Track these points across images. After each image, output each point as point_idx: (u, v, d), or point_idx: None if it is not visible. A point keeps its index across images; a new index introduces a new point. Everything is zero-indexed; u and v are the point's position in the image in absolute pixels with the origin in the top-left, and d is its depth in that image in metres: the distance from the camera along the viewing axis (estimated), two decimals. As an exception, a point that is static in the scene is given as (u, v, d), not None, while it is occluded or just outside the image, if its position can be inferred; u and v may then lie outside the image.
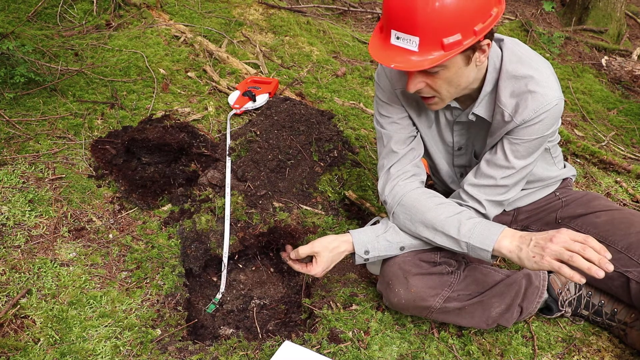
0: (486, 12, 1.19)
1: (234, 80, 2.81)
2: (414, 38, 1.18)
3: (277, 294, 1.92)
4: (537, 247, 1.27)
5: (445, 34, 1.16)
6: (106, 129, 2.27)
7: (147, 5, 3.29)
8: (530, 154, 1.43)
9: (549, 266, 1.24)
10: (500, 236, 1.34)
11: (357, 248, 1.50)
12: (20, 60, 2.36)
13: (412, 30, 1.17)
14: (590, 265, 1.19)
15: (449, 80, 1.30)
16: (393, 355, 1.51)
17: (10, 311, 1.49)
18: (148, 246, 1.82)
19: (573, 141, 2.67)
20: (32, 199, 1.85)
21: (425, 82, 1.31)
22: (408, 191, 1.51)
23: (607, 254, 1.21)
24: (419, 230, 1.47)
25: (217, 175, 2.04)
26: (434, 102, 1.39)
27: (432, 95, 1.36)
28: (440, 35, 1.16)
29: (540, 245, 1.27)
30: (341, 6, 4.35)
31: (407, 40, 1.19)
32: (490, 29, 1.22)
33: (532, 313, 1.59)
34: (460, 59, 1.26)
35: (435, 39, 1.17)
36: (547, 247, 1.25)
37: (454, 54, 1.18)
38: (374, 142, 2.49)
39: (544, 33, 4.17)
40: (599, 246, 1.21)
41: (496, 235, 1.34)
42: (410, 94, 1.52)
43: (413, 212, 1.47)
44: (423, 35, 1.17)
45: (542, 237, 1.28)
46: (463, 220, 1.40)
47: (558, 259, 1.23)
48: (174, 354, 1.47)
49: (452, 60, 1.24)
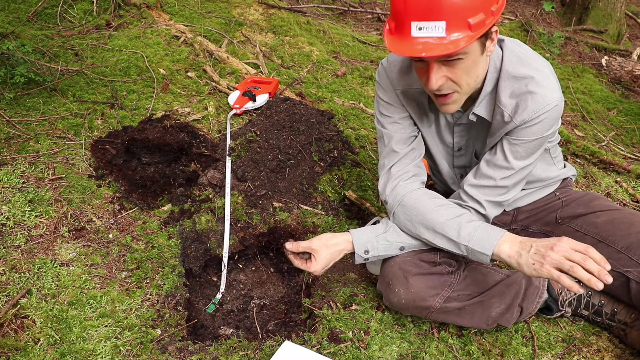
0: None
1: (234, 80, 2.81)
2: (440, 23, 1.17)
3: (277, 294, 1.92)
4: (537, 254, 1.27)
5: (470, 14, 1.16)
6: (106, 129, 2.27)
7: (147, 5, 3.29)
8: (529, 155, 1.43)
9: (549, 275, 1.24)
10: (500, 240, 1.34)
11: (357, 248, 1.50)
12: (20, 60, 2.36)
13: (437, 16, 1.16)
14: (590, 276, 1.20)
15: (468, 70, 1.29)
16: (393, 355, 1.51)
17: (10, 311, 1.49)
18: (148, 246, 1.82)
19: (573, 141, 2.67)
20: (32, 199, 1.85)
21: (446, 77, 1.29)
22: (409, 192, 1.51)
23: (606, 265, 1.21)
24: (419, 231, 1.47)
25: (217, 175, 2.04)
26: (452, 100, 1.35)
27: (452, 90, 1.33)
28: (465, 16, 1.16)
29: (541, 253, 1.26)
30: (341, 6, 4.35)
31: (432, 27, 1.18)
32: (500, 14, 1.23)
33: (532, 313, 1.59)
34: (477, 46, 1.26)
35: (461, 20, 1.16)
36: (547, 255, 1.25)
37: (479, 34, 1.18)
38: (374, 142, 2.49)
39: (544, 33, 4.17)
40: (599, 257, 1.21)
41: (496, 240, 1.34)
42: (411, 95, 1.52)
43: (413, 213, 1.47)
44: (449, 18, 1.16)
45: (543, 245, 1.27)
46: (463, 223, 1.40)
47: (558, 267, 1.23)
48: (174, 354, 1.47)
49: (471, 46, 1.23)
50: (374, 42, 3.72)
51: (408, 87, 1.50)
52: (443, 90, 1.33)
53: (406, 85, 1.50)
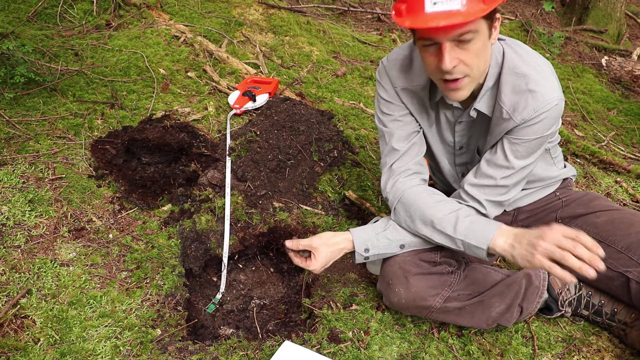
0: None
1: (234, 80, 2.81)
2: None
3: (277, 294, 1.92)
4: (529, 245, 1.27)
5: None
6: (106, 129, 2.27)
7: (147, 5, 3.29)
8: (530, 154, 1.43)
9: (540, 265, 1.24)
10: (495, 234, 1.34)
11: (357, 246, 1.50)
12: (20, 60, 2.36)
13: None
14: (582, 264, 1.19)
15: (479, 53, 1.28)
16: (393, 355, 1.51)
17: (10, 311, 1.49)
18: (148, 246, 1.82)
19: (573, 141, 2.67)
20: (32, 199, 1.85)
21: (458, 59, 1.27)
22: (408, 188, 1.51)
23: (599, 250, 1.20)
24: (418, 227, 1.47)
25: (217, 175, 2.04)
26: (462, 85, 1.33)
27: (464, 74, 1.30)
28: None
29: (532, 243, 1.27)
30: (341, 6, 4.35)
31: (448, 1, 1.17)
32: None
33: (532, 313, 1.59)
34: (485, 27, 1.25)
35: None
36: (538, 245, 1.25)
37: (492, 7, 1.18)
38: (374, 142, 2.49)
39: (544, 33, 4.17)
40: (591, 242, 1.21)
41: (491, 234, 1.35)
42: (411, 93, 1.52)
43: (412, 209, 1.48)
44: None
45: (535, 235, 1.28)
46: (460, 218, 1.40)
47: (550, 257, 1.23)
48: (174, 354, 1.47)
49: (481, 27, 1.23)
50: (374, 42, 3.72)
51: (408, 84, 1.50)
52: (455, 74, 1.29)
53: (407, 83, 1.50)
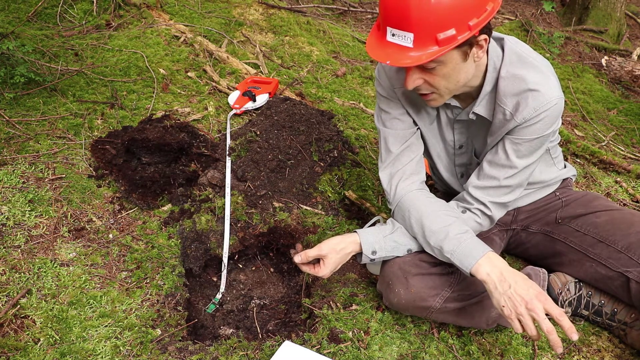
0: (481, 7, 1.19)
1: (234, 80, 2.81)
2: (409, 34, 1.19)
3: (277, 294, 1.92)
4: (510, 300, 1.27)
5: (439, 29, 1.17)
6: (106, 129, 2.27)
7: (147, 5, 3.29)
8: (532, 153, 1.43)
9: (510, 322, 1.27)
10: (481, 259, 1.33)
11: (364, 248, 1.49)
12: (20, 60, 2.36)
13: (407, 27, 1.18)
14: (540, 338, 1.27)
15: (447, 76, 1.30)
16: (393, 355, 1.51)
17: (10, 311, 1.49)
18: (148, 246, 1.82)
19: (573, 141, 2.67)
20: (32, 199, 1.85)
21: (423, 79, 1.32)
22: (406, 193, 1.52)
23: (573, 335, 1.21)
24: (413, 233, 1.49)
25: (217, 175, 2.04)
26: (432, 99, 1.40)
27: (430, 92, 1.37)
28: (434, 31, 1.17)
29: (514, 301, 1.26)
30: (341, 6, 4.35)
31: (402, 36, 1.20)
32: (486, 24, 1.23)
33: (532, 313, 1.59)
34: (457, 54, 1.26)
35: (429, 35, 1.18)
36: (519, 308, 1.25)
37: (448, 49, 1.19)
38: (374, 142, 2.49)
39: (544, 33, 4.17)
40: (568, 326, 1.21)
41: (475, 259, 1.34)
42: (410, 93, 1.52)
43: (407, 216, 1.49)
44: (417, 31, 1.18)
45: (520, 295, 1.26)
46: (450, 235, 1.39)
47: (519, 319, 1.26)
48: (174, 354, 1.47)
49: (448, 56, 1.25)
50: (374, 42, 3.71)
51: None
52: (421, 91, 1.37)
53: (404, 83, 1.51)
